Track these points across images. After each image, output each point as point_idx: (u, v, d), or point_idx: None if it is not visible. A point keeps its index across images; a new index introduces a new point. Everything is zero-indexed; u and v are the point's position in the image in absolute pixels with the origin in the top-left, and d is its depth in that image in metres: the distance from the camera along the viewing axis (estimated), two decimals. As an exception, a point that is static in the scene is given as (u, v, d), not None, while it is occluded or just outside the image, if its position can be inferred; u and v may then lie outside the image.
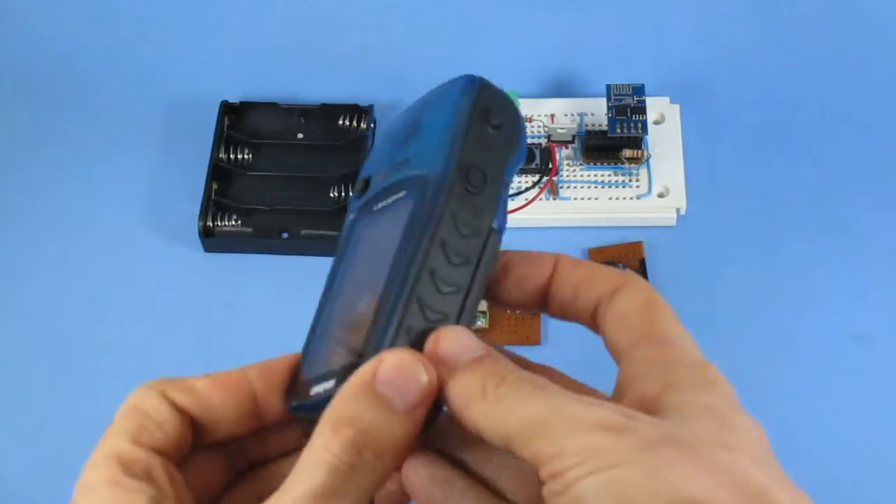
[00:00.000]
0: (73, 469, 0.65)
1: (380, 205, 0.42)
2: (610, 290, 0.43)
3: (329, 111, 0.76)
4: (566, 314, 0.44)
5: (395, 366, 0.39)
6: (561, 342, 0.69)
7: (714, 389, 0.41)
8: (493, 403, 0.38)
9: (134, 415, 0.44)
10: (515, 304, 0.44)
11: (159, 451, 0.43)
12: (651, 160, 0.74)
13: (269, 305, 0.71)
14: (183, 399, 0.44)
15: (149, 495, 0.41)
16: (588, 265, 0.43)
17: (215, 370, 0.45)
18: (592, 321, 0.43)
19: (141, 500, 0.41)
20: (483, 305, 0.69)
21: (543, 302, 0.44)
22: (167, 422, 0.43)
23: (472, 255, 0.39)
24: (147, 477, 0.42)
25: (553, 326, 0.70)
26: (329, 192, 0.73)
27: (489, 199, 0.40)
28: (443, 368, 0.39)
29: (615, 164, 0.74)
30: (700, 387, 0.41)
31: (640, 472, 0.36)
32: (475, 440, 0.39)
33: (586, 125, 0.75)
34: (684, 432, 0.38)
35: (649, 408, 0.40)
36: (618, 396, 0.41)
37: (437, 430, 0.41)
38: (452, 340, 0.39)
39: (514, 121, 0.42)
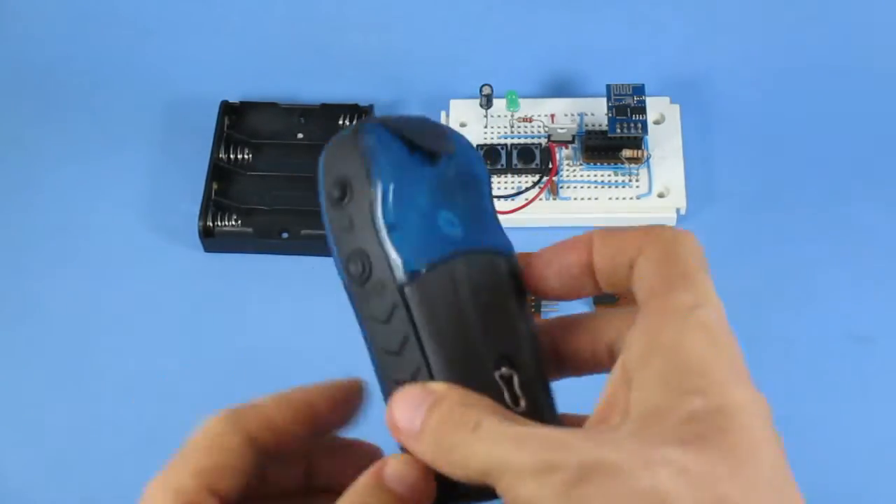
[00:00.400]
0: (73, 469, 0.65)
1: None
2: (637, 249, 0.41)
3: (329, 111, 0.76)
4: (617, 287, 0.42)
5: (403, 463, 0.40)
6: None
7: (698, 384, 0.38)
8: (448, 462, 0.38)
9: (214, 451, 0.44)
10: (568, 294, 0.43)
11: (226, 498, 0.43)
12: (651, 160, 0.74)
13: (269, 305, 0.71)
14: (265, 439, 0.44)
15: None
16: (620, 232, 0.42)
17: (279, 391, 0.45)
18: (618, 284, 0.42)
19: None
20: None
21: (596, 283, 0.42)
22: (244, 464, 0.44)
23: (393, 309, 0.39)
24: None
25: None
26: (329, 192, 0.73)
27: (379, 272, 0.39)
28: (404, 434, 0.39)
29: (615, 164, 0.74)
30: (681, 380, 0.38)
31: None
32: None
33: (586, 125, 0.75)
34: (609, 451, 0.36)
35: (625, 388, 0.38)
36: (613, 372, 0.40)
37: None
38: (397, 409, 0.39)
39: (362, 176, 0.40)
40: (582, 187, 0.73)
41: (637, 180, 0.73)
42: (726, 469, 0.36)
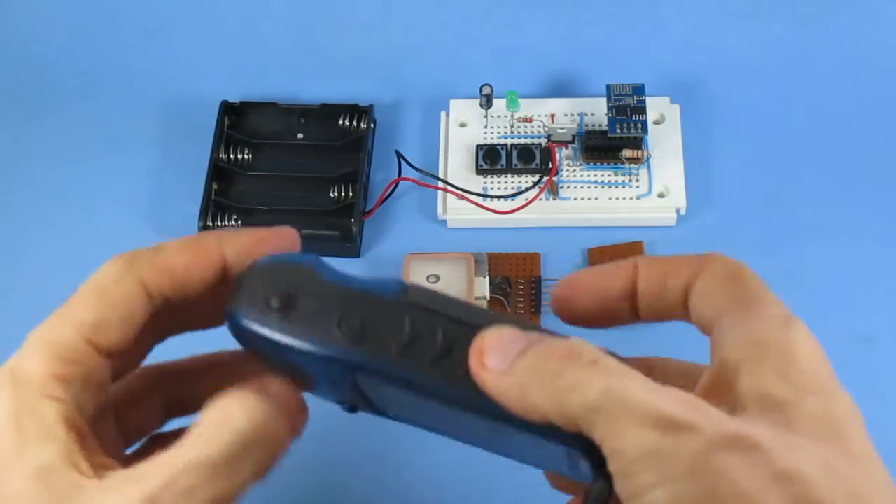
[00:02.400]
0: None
1: None
2: (694, 274, 0.42)
3: (329, 111, 0.76)
4: (660, 314, 0.43)
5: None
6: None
7: (786, 372, 0.38)
8: (550, 389, 0.36)
9: (100, 300, 0.42)
10: (605, 321, 0.43)
11: (110, 353, 0.42)
12: (651, 160, 0.74)
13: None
14: (161, 285, 0.42)
15: (66, 409, 0.40)
16: (668, 258, 0.42)
17: (188, 237, 0.43)
18: (685, 311, 0.42)
19: (55, 411, 0.40)
20: (483, 305, 0.69)
21: (634, 310, 0.43)
22: (134, 315, 0.42)
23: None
24: (81, 385, 0.41)
25: (553, 327, 0.69)
26: (329, 192, 0.73)
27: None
28: (492, 372, 0.38)
29: (615, 164, 0.74)
30: (770, 369, 0.38)
31: (705, 485, 0.34)
32: None
33: (586, 125, 0.75)
34: (747, 428, 0.35)
35: (730, 379, 0.38)
36: (709, 368, 0.39)
37: None
38: (494, 339, 0.38)
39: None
40: (582, 187, 0.73)
41: (637, 180, 0.73)
42: (857, 470, 0.37)
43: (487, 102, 0.74)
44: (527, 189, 0.73)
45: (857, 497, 0.36)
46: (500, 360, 0.38)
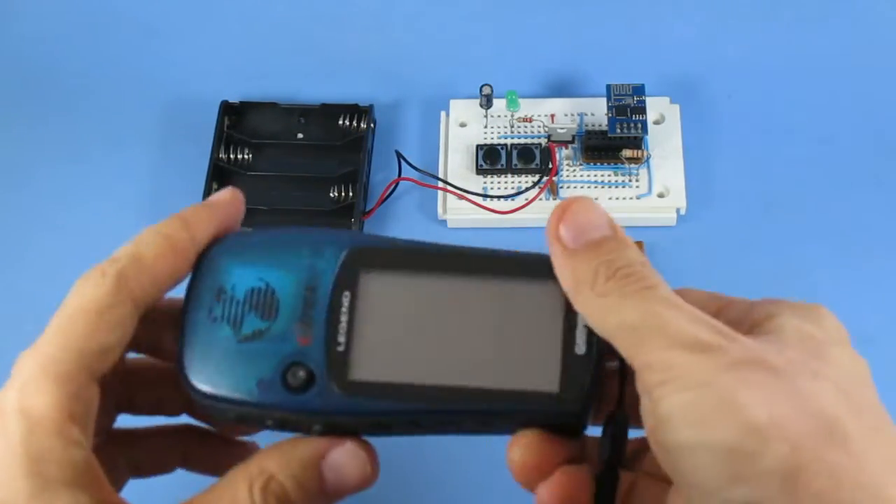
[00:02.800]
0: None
1: None
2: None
3: (329, 111, 0.76)
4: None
5: (350, 454, 0.44)
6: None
7: (820, 321, 0.41)
8: (597, 299, 0.39)
9: (98, 325, 0.41)
10: None
11: (104, 379, 0.41)
12: (651, 160, 0.74)
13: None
14: (149, 297, 0.43)
15: (87, 455, 0.40)
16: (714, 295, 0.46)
17: (158, 229, 0.44)
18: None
19: (82, 458, 0.39)
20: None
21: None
22: (127, 337, 0.42)
23: None
24: (89, 423, 0.41)
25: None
26: (329, 192, 0.73)
27: None
28: (563, 243, 0.40)
29: (615, 164, 0.74)
30: (805, 317, 0.41)
31: (716, 395, 0.37)
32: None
33: (586, 125, 0.75)
34: (773, 356, 0.38)
35: (751, 330, 0.41)
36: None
37: None
38: (578, 213, 0.40)
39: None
40: (582, 187, 0.73)
41: (637, 180, 0.73)
42: (873, 416, 0.40)
43: (487, 102, 0.74)
44: (527, 189, 0.73)
45: (876, 429, 0.39)
46: (573, 238, 0.39)
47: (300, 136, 0.76)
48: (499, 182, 0.73)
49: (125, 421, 0.48)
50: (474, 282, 0.46)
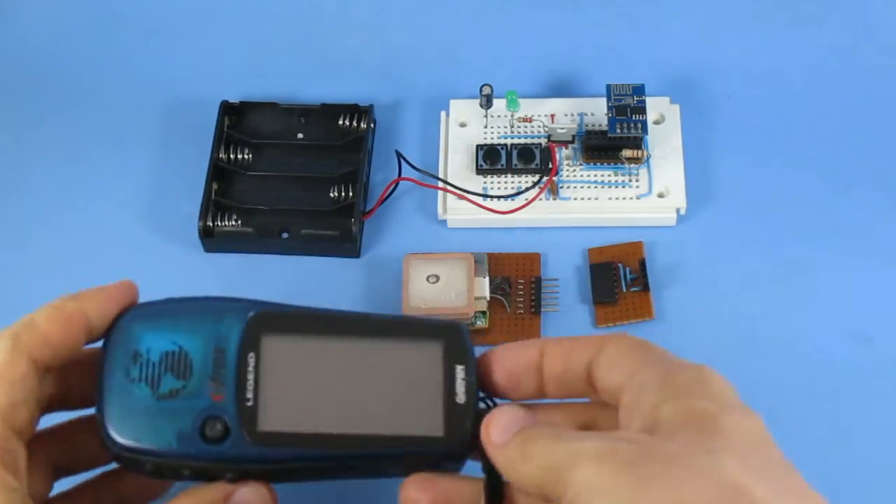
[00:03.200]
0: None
1: None
2: (597, 350, 0.48)
3: (329, 111, 0.76)
4: (564, 390, 0.50)
5: (253, 493, 0.50)
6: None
7: (705, 392, 0.45)
8: (524, 464, 0.45)
9: (1, 382, 0.47)
10: (517, 395, 0.51)
11: (22, 434, 0.47)
12: (651, 160, 0.74)
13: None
14: (45, 357, 0.49)
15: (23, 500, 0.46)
16: (571, 340, 0.50)
17: (51, 303, 0.50)
18: (589, 384, 0.49)
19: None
20: (483, 305, 0.69)
21: (541, 388, 0.50)
22: (34, 392, 0.48)
23: None
24: (17, 474, 0.47)
25: (553, 327, 0.70)
26: (329, 192, 0.73)
27: None
28: (494, 446, 0.47)
29: (615, 164, 0.74)
30: (691, 392, 0.45)
31: (625, 497, 0.41)
32: None
33: (586, 125, 0.75)
34: (666, 445, 0.42)
35: (648, 426, 0.44)
36: (624, 427, 0.46)
37: None
38: (495, 424, 0.47)
39: None
40: (582, 187, 0.73)
41: (637, 180, 0.73)
42: (779, 471, 0.44)
43: (487, 102, 0.74)
44: (527, 189, 0.73)
45: (784, 490, 0.43)
46: (500, 435, 0.47)
47: (300, 135, 0.76)
48: (499, 182, 0.73)
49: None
50: (367, 343, 0.53)
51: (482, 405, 0.52)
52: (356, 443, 0.51)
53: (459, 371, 0.52)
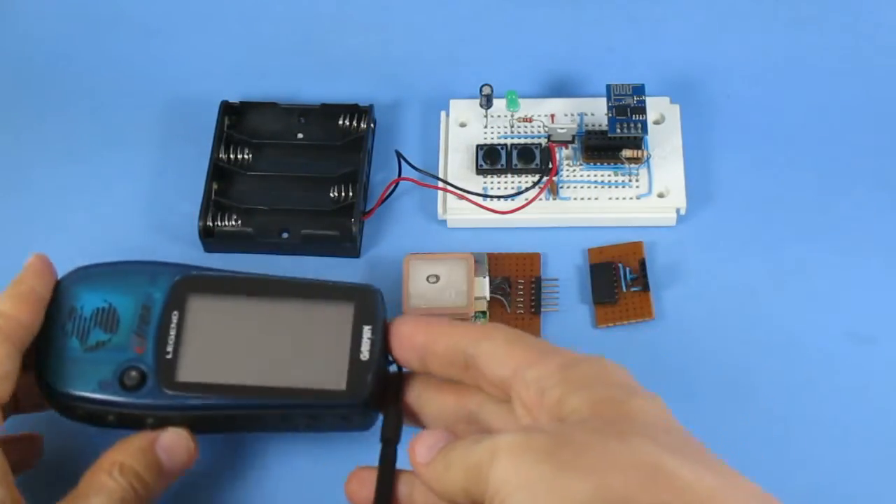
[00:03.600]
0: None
1: None
2: (474, 341, 0.51)
3: (329, 111, 0.76)
4: (447, 371, 0.53)
5: (174, 436, 0.56)
6: (560, 343, 0.68)
7: (607, 381, 0.48)
8: (447, 472, 0.47)
9: None
10: (406, 365, 0.55)
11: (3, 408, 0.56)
12: (651, 160, 0.74)
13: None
14: (21, 337, 0.56)
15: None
16: (457, 325, 0.53)
17: (5, 293, 0.58)
18: (467, 371, 0.52)
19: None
20: (483, 305, 0.69)
21: (426, 364, 0.54)
22: (16, 374, 0.56)
23: None
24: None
25: (553, 327, 0.70)
26: (329, 192, 0.73)
27: None
28: (420, 465, 0.50)
29: (615, 164, 0.74)
30: (594, 383, 0.47)
31: (544, 485, 0.42)
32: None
33: (586, 125, 0.75)
34: (579, 433, 0.44)
35: (556, 419, 0.47)
36: (533, 417, 0.49)
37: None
38: (421, 444, 0.50)
39: None
40: (582, 187, 0.73)
41: (637, 180, 0.73)
42: (680, 438, 0.46)
43: (487, 102, 0.74)
44: (527, 189, 0.73)
45: (696, 461, 0.44)
46: (425, 455, 0.50)
47: (300, 136, 0.76)
48: (499, 182, 0.74)
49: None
50: (282, 303, 0.58)
51: (395, 369, 0.57)
52: (264, 393, 0.56)
53: (366, 331, 0.57)
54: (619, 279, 0.70)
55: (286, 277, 0.60)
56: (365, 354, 0.56)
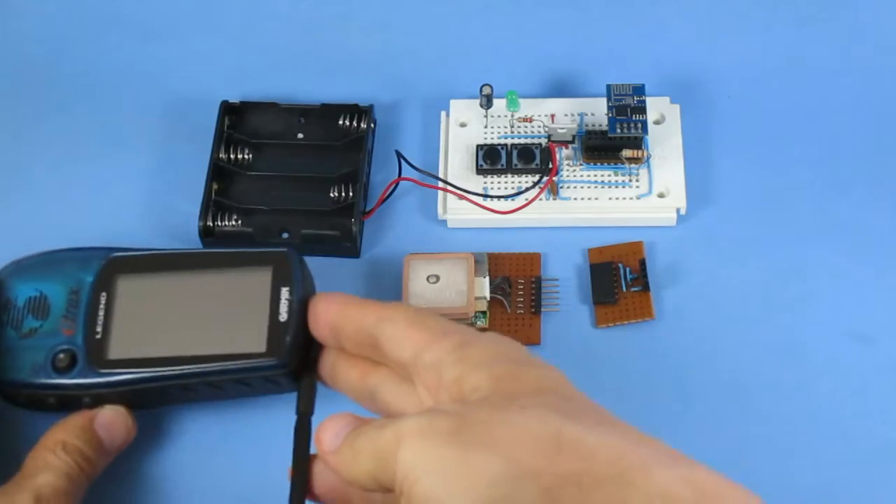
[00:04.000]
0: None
1: None
2: (377, 320, 0.51)
3: (329, 111, 0.76)
4: (358, 348, 0.53)
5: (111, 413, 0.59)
6: (560, 343, 0.69)
7: (503, 356, 0.48)
8: (355, 460, 0.47)
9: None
10: (321, 340, 0.55)
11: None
12: (651, 160, 0.74)
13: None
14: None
15: None
16: (364, 303, 0.53)
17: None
18: (375, 349, 0.52)
19: None
20: (483, 305, 0.69)
21: (339, 341, 0.54)
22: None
23: None
24: None
25: (552, 328, 0.70)
26: (329, 192, 0.73)
27: None
28: (327, 453, 0.49)
29: (615, 164, 0.74)
30: (490, 360, 0.47)
31: (452, 467, 0.43)
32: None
33: (586, 125, 0.75)
34: (481, 410, 0.44)
35: (457, 399, 0.47)
36: (425, 402, 0.49)
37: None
38: (326, 431, 0.49)
39: None
40: (582, 187, 0.73)
41: (637, 180, 0.73)
42: (575, 403, 0.47)
43: (487, 102, 0.74)
44: (527, 189, 0.73)
45: (598, 424, 0.44)
46: (331, 441, 0.49)
47: (300, 136, 0.76)
48: (499, 182, 0.74)
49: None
50: (203, 274, 0.61)
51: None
52: (191, 362, 0.58)
53: (284, 292, 0.58)
54: (619, 279, 0.70)
55: (207, 250, 0.64)
56: (283, 315, 0.58)
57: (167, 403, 0.63)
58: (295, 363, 0.57)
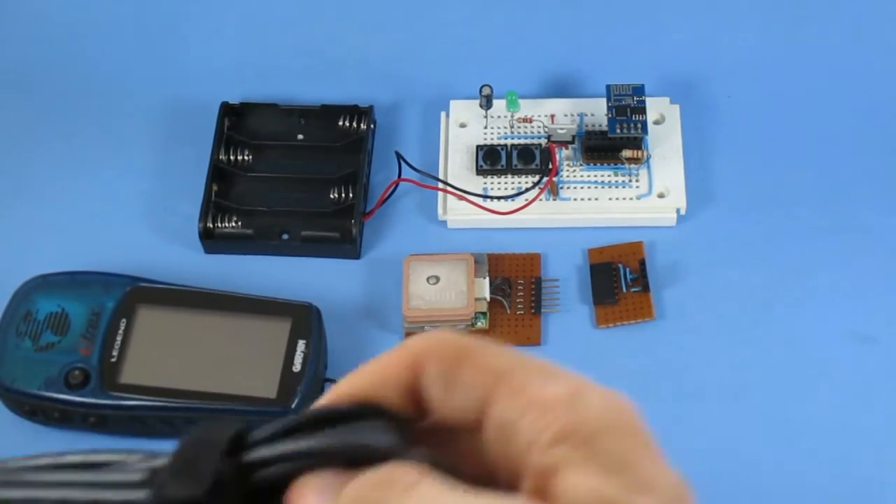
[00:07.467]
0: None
1: None
2: (412, 371, 0.35)
3: (329, 112, 0.76)
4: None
5: None
6: (561, 343, 0.69)
7: (619, 432, 0.33)
8: None
9: None
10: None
11: None
12: (651, 160, 0.74)
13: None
14: None
15: None
16: (380, 366, 0.35)
17: None
18: (418, 407, 0.36)
19: None
20: (483, 306, 0.69)
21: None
22: None
23: None
24: None
25: (553, 328, 0.70)
26: (329, 194, 0.73)
27: None
28: None
29: (615, 164, 0.74)
30: (597, 438, 0.32)
31: None
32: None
33: (586, 125, 0.75)
34: None
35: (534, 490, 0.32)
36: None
37: None
38: (308, 492, 0.34)
39: None
40: (582, 188, 0.73)
41: (637, 180, 0.73)
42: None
43: (487, 103, 0.74)
44: (527, 189, 0.73)
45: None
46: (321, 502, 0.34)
47: (300, 137, 0.76)
48: (499, 183, 0.74)
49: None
50: (222, 316, 0.64)
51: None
52: (200, 397, 0.61)
53: (301, 345, 0.62)
54: (619, 279, 0.70)
55: (229, 293, 0.65)
56: (297, 367, 0.61)
57: (169, 436, 0.63)
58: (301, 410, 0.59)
